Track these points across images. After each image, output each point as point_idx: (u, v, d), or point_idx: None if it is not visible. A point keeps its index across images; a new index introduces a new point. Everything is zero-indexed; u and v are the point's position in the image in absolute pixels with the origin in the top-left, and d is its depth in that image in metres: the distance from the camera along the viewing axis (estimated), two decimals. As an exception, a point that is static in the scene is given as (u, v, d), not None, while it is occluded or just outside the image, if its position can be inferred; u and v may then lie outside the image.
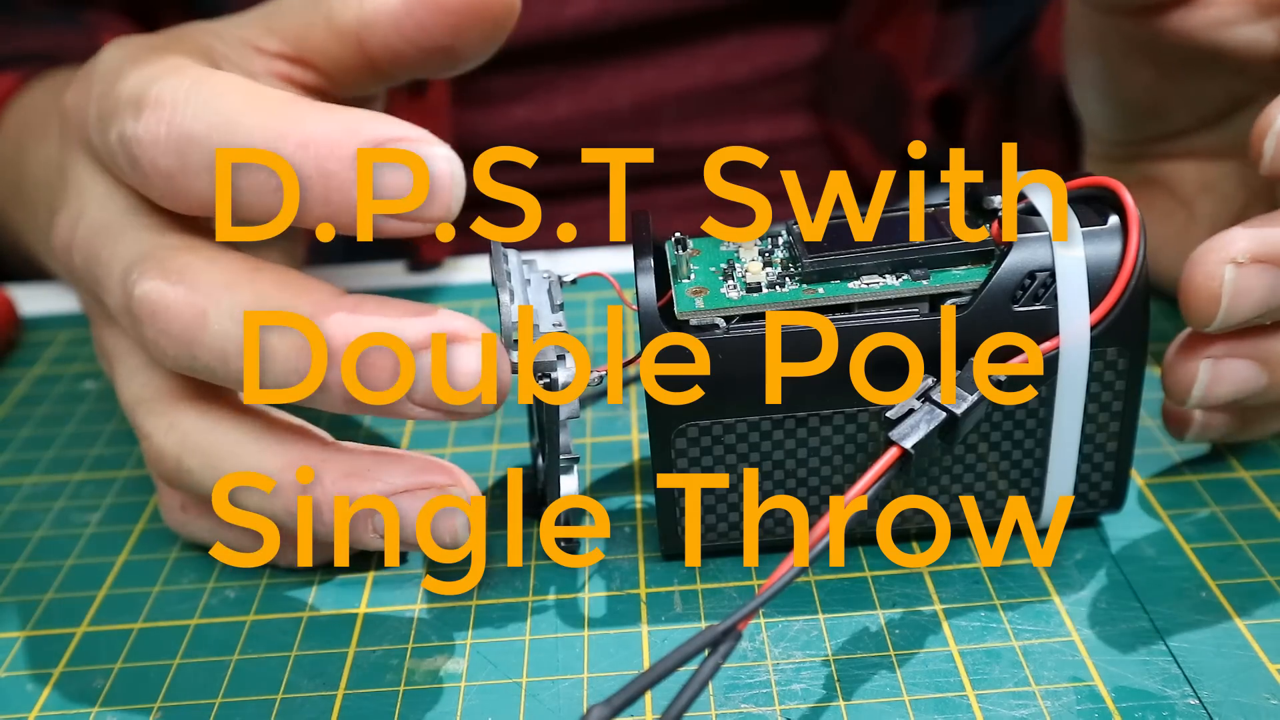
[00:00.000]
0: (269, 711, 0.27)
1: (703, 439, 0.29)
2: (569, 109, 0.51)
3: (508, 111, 0.50)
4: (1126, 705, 0.26)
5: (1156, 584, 0.29)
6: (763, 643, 0.28)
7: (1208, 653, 0.27)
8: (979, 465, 0.29)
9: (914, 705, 0.26)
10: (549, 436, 0.29)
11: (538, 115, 0.50)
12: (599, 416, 0.37)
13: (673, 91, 0.51)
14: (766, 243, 0.30)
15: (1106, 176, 0.27)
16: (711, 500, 0.29)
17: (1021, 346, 0.27)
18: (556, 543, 0.32)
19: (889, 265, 0.28)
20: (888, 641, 0.28)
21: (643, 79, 0.51)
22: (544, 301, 0.30)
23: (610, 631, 0.29)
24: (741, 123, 0.53)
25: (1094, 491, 0.30)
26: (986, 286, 0.27)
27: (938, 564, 0.30)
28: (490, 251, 0.30)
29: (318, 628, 0.30)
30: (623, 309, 0.43)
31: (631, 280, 0.28)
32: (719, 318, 0.28)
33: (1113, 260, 0.27)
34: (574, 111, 0.51)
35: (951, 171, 0.53)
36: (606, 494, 0.34)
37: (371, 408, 0.27)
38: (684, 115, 0.52)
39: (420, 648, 0.29)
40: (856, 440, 0.29)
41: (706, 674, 0.23)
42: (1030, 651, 0.27)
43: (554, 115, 0.50)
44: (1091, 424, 0.29)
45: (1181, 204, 0.39)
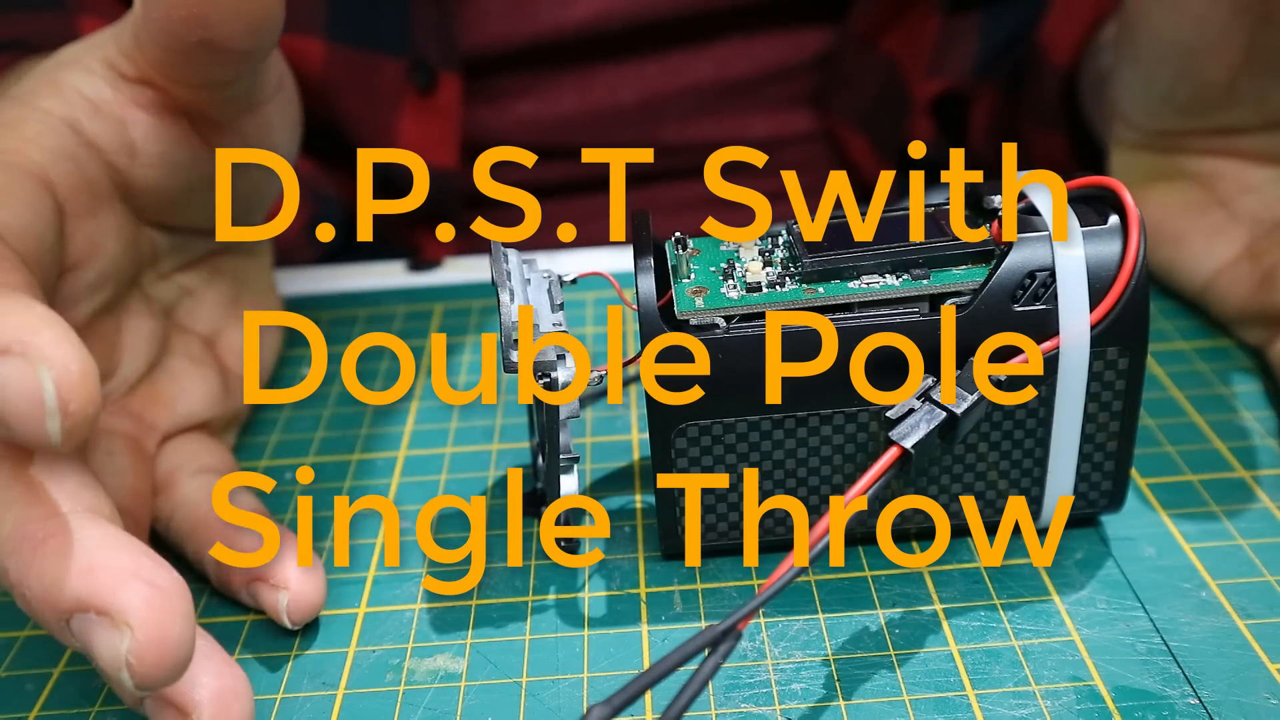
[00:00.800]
0: (269, 711, 0.27)
1: (703, 439, 0.29)
2: (573, 106, 0.51)
3: (512, 108, 0.50)
4: (1126, 705, 0.26)
5: (1156, 584, 0.29)
6: (763, 642, 0.28)
7: (1208, 653, 0.27)
8: (979, 465, 0.29)
9: (914, 705, 0.26)
10: (549, 436, 0.29)
11: (542, 112, 0.51)
12: (599, 416, 0.37)
13: (676, 89, 0.51)
14: (766, 242, 0.30)
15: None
16: (711, 500, 0.29)
17: (1021, 346, 0.27)
18: (556, 543, 0.32)
19: (889, 265, 0.28)
20: (888, 641, 0.28)
21: (646, 76, 0.51)
22: (544, 301, 0.30)
23: (610, 631, 0.29)
24: (744, 119, 0.53)
25: (1094, 491, 0.30)
26: (986, 286, 0.27)
27: (938, 564, 0.30)
28: (490, 251, 0.30)
29: (318, 628, 0.30)
30: (623, 309, 0.43)
31: (631, 280, 0.28)
32: (719, 317, 0.28)
33: (1113, 260, 0.27)
34: (578, 108, 0.51)
35: (951, 171, 0.53)
36: (606, 494, 0.34)
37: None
38: (687, 112, 0.52)
39: (420, 648, 0.29)
40: (856, 440, 0.29)
41: (706, 674, 0.23)
42: (1030, 651, 0.27)
43: (558, 112, 0.51)
44: (1091, 424, 0.29)
45: (1219, 202, 0.39)
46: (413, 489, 0.35)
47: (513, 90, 0.50)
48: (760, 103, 0.53)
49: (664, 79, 0.51)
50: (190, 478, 0.32)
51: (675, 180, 0.53)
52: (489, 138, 0.50)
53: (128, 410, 0.32)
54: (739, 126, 0.53)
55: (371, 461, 0.36)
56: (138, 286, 0.34)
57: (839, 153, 0.54)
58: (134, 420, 0.32)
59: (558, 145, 0.51)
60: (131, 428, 0.32)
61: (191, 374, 0.34)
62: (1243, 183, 0.39)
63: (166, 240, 0.35)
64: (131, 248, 0.33)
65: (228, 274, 0.37)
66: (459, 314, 0.44)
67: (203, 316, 0.36)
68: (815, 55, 0.53)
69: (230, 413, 0.36)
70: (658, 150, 0.51)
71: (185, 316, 0.36)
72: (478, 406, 0.38)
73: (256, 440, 0.37)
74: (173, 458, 0.33)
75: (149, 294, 0.34)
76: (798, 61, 0.53)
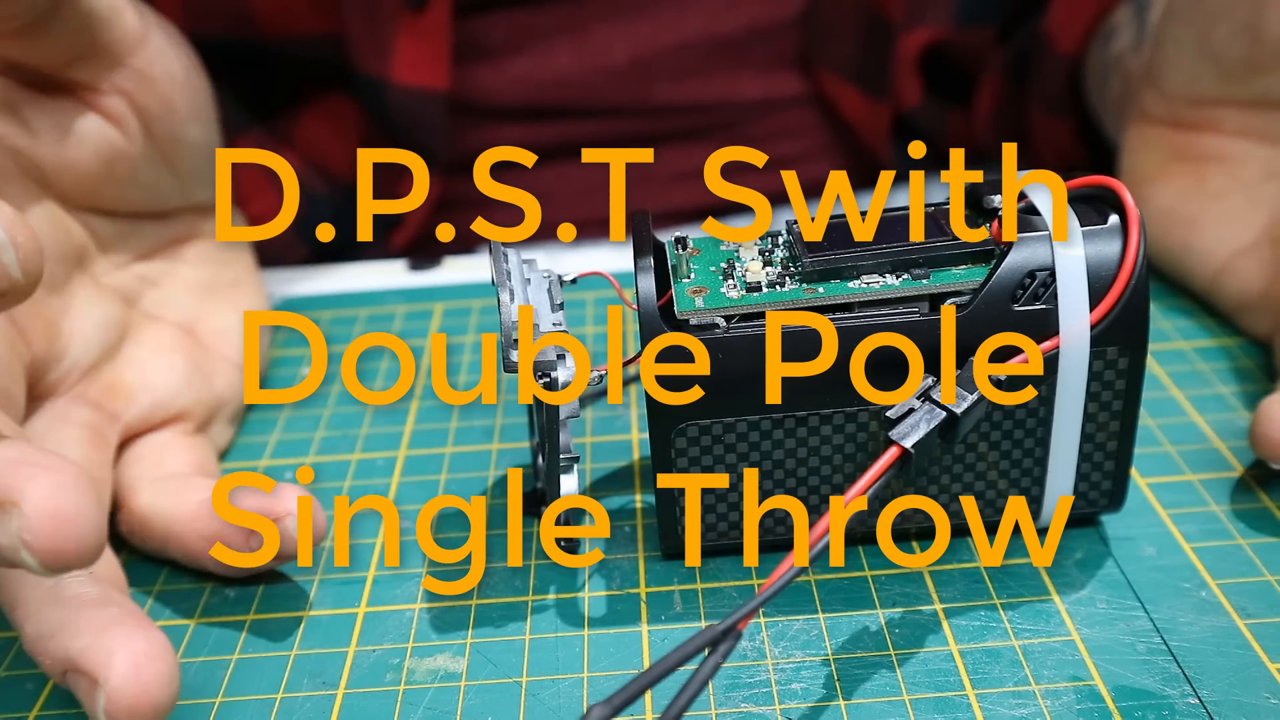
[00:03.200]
0: (269, 711, 0.27)
1: (703, 439, 0.29)
2: (568, 63, 0.51)
3: (507, 66, 0.50)
4: (1126, 705, 0.26)
5: (1156, 584, 0.29)
6: (763, 642, 0.28)
7: (1208, 653, 0.27)
8: (979, 465, 0.29)
9: (914, 705, 0.26)
10: (549, 436, 0.29)
11: (537, 69, 0.51)
12: (599, 416, 0.37)
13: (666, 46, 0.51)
14: (766, 242, 0.30)
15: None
16: (711, 500, 0.29)
17: (1021, 346, 0.27)
18: (556, 542, 0.32)
19: (889, 265, 0.28)
20: (888, 641, 0.28)
21: (638, 33, 0.51)
22: (544, 301, 0.30)
23: (610, 631, 0.29)
24: (734, 80, 0.53)
25: (1094, 491, 0.30)
26: (986, 286, 0.27)
27: (938, 564, 0.30)
28: (490, 251, 0.30)
29: (318, 627, 0.30)
30: (623, 308, 0.43)
31: (631, 280, 0.28)
32: (719, 317, 0.28)
33: (1113, 259, 0.27)
34: (572, 66, 0.51)
35: (951, 171, 0.53)
36: (606, 494, 0.34)
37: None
38: (678, 72, 0.52)
39: (420, 647, 0.29)
40: (856, 440, 0.29)
41: (706, 673, 0.23)
42: (1030, 651, 0.27)
43: (553, 69, 0.51)
44: (1091, 423, 0.29)
45: (1241, 186, 0.39)
46: (413, 489, 0.35)
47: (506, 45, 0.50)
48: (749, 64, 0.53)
49: (655, 36, 0.51)
50: (147, 487, 0.32)
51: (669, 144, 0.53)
52: (485, 98, 0.50)
53: (86, 399, 0.32)
54: (729, 87, 0.53)
55: (371, 461, 0.36)
56: (87, 274, 0.34)
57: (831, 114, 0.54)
58: (92, 409, 0.32)
59: (554, 105, 0.51)
60: (89, 417, 0.32)
61: (157, 363, 0.34)
62: (1268, 168, 0.39)
63: (110, 226, 0.35)
64: (64, 234, 0.33)
65: (195, 260, 0.37)
66: (459, 314, 0.44)
67: (173, 305, 0.36)
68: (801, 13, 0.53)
69: (212, 400, 0.35)
70: (651, 112, 0.51)
71: (154, 306, 0.36)
72: (478, 406, 0.38)
73: (256, 440, 0.37)
74: (136, 466, 0.33)
75: (102, 282, 0.34)
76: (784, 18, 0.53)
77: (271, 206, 0.46)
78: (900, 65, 0.52)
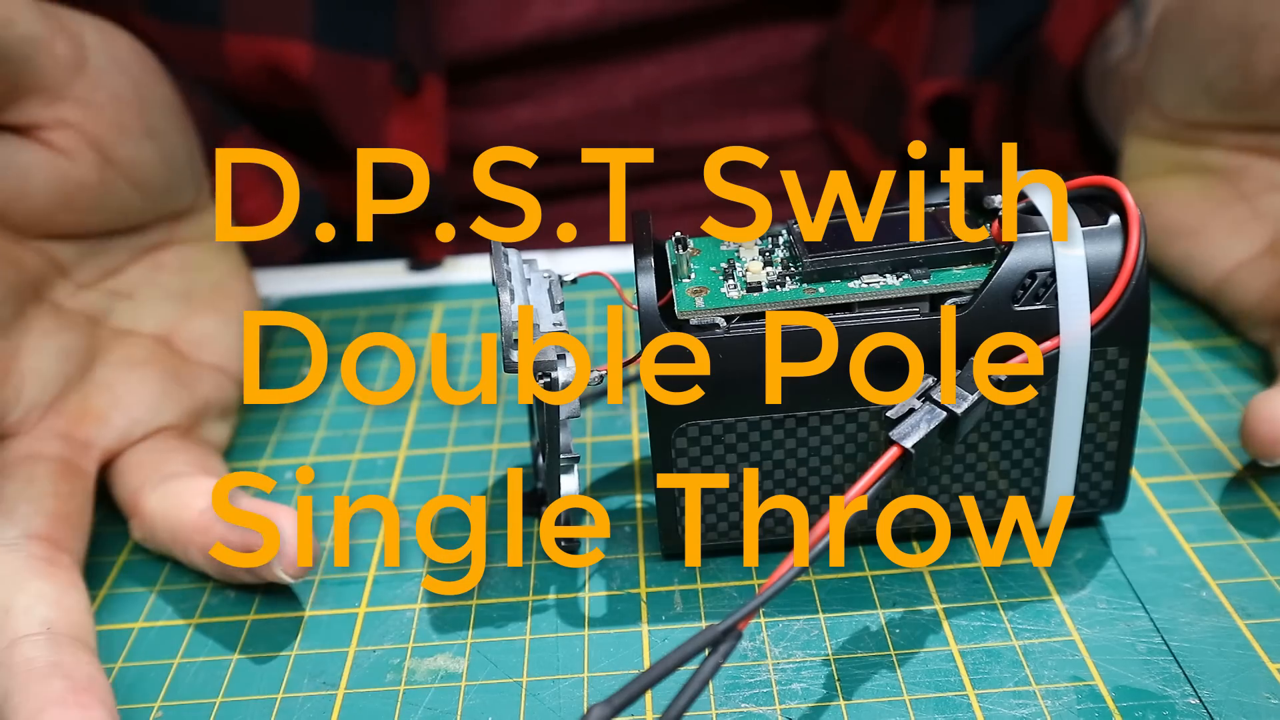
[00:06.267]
0: (269, 711, 0.27)
1: (703, 439, 0.29)
2: (571, 108, 0.51)
3: (510, 113, 0.50)
4: (1126, 705, 0.26)
5: (1156, 584, 0.29)
6: (763, 642, 0.28)
7: (1208, 653, 0.27)
8: (979, 465, 0.29)
9: (914, 705, 0.26)
10: (549, 436, 0.29)
11: (540, 115, 0.50)
12: (599, 416, 0.37)
13: (673, 88, 0.51)
14: (767, 242, 0.30)
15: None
16: (711, 500, 0.29)
17: (1021, 346, 0.27)
18: (556, 542, 0.32)
19: (889, 265, 0.28)
20: (888, 641, 0.28)
21: (643, 76, 0.51)
22: (544, 301, 0.30)
23: (610, 631, 0.29)
24: (742, 120, 0.53)
25: (1094, 491, 0.30)
26: (987, 286, 0.27)
27: (938, 564, 0.30)
28: (490, 251, 0.30)
29: (318, 628, 0.30)
30: (623, 309, 0.43)
31: (632, 280, 0.28)
32: (719, 317, 0.28)
33: (1113, 260, 0.27)
34: (576, 110, 0.51)
35: (951, 171, 0.53)
36: (606, 494, 0.34)
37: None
38: (684, 113, 0.52)
39: (420, 647, 0.29)
40: (856, 440, 0.29)
41: (707, 673, 0.23)
42: (1030, 651, 0.27)
43: (556, 115, 0.50)
44: (1092, 424, 0.29)
45: (1243, 197, 0.39)
46: (413, 489, 0.35)
47: (510, 94, 0.50)
48: (758, 102, 0.53)
49: (660, 78, 0.51)
50: (153, 491, 0.32)
51: (675, 182, 0.53)
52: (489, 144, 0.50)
53: (54, 432, 0.32)
54: (738, 127, 0.53)
55: (371, 461, 0.36)
56: (45, 302, 0.33)
57: (838, 153, 0.54)
58: (62, 441, 0.32)
59: (557, 149, 0.51)
60: (59, 449, 0.31)
61: (129, 381, 0.33)
62: (1270, 180, 0.39)
63: (72, 250, 0.34)
64: (13, 267, 0.32)
65: (173, 267, 0.36)
66: (459, 314, 0.44)
67: (149, 316, 0.35)
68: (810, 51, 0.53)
69: (195, 407, 0.35)
70: (657, 153, 0.51)
71: (126, 320, 0.35)
72: (478, 406, 0.38)
73: (256, 440, 0.37)
74: (138, 473, 0.32)
75: (65, 307, 0.33)
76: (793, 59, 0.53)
77: (263, 205, 0.46)
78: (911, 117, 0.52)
